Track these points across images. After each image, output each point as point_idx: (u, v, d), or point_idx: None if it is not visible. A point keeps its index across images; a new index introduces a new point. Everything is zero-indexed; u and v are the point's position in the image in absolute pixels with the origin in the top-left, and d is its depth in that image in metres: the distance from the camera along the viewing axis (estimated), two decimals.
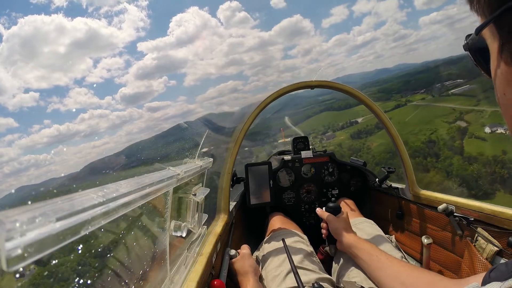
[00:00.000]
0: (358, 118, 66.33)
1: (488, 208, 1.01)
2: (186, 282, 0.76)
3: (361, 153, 48.18)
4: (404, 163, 1.45)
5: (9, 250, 0.25)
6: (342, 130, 64.83)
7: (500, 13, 0.33)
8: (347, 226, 1.17)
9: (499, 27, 0.34)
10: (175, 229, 0.85)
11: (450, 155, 42.17)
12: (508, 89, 0.36)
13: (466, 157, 40.61)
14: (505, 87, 0.37)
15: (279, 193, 1.76)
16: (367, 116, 61.38)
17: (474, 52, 0.42)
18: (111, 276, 0.67)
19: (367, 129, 59.57)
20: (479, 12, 0.37)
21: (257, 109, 1.53)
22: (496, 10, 0.33)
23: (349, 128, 64.65)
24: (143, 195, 0.53)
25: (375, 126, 57.14)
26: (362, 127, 61.60)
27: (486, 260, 0.94)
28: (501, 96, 0.38)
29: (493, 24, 0.35)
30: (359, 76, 39.04)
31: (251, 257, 1.10)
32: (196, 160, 1.08)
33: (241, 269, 1.04)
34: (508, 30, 0.33)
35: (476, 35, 0.39)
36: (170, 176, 0.71)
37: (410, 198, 1.41)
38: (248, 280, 0.99)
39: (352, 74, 40.95)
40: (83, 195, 0.38)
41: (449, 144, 45.59)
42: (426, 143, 46.28)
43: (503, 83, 0.37)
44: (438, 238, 1.23)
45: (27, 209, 0.29)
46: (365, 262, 1.00)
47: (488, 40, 0.38)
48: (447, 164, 39.33)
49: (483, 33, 0.38)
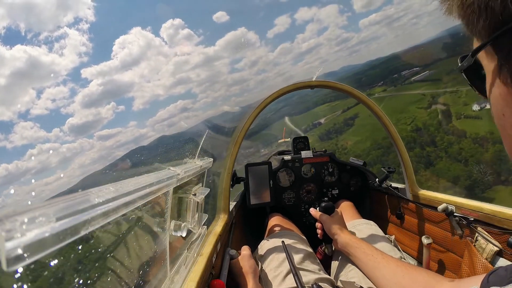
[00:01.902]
0: (321, 119, 66.37)
1: (488, 208, 1.01)
2: (186, 282, 0.76)
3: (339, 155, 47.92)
4: (404, 162, 1.45)
5: (9, 250, 0.25)
6: (307, 133, 65.37)
7: (498, 35, 0.33)
8: (342, 225, 1.16)
9: (497, 49, 0.35)
10: (175, 229, 0.85)
11: (452, 139, 40.70)
12: (507, 110, 0.36)
13: (474, 138, 39.10)
14: (503, 107, 0.37)
15: (279, 193, 1.77)
16: (329, 115, 61.00)
17: (469, 74, 0.42)
18: (111, 276, 0.67)
19: (335, 128, 59.48)
20: (475, 33, 0.37)
21: (257, 109, 1.53)
22: (494, 32, 0.33)
23: (314, 130, 64.45)
24: (143, 195, 0.53)
25: (343, 124, 56.89)
26: (328, 127, 61.63)
27: (486, 260, 0.94)
28: (500, 117, 0.38)
29: (490, 45, 0.35)
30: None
31: (251, 258, 1.09)
32: (196, 160, 1.08)
33: (242, 270, 1.03)
34: (507, 51, 0.33)
35: (472, 57, 0.39)
36: (170, 176, 0.71)
37: (410, 198, 1.41)
38: (248, 281, 0.99)
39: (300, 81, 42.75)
40: (83, 195, 0.38)
41: (444, 129, 44.47)
42: (416, 132, 45.73)
43: (501, 104, 0.37)
44: (438, 238, 1.23)
45: (27, 209, 0.29)
46: (361, 261, 0.99)
47: (484, 61, 0.38)
48: (456, 150, 37.60)
49: (479, 54, 0.38)
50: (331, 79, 1.54)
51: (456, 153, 38.20)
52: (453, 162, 37.77)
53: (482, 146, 36.97)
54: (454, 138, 41.85)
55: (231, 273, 1.04)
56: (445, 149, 39.96)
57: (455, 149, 38.86)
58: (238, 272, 1.03)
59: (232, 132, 1.57)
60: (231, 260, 1.07)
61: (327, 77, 1.55)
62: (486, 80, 0.39)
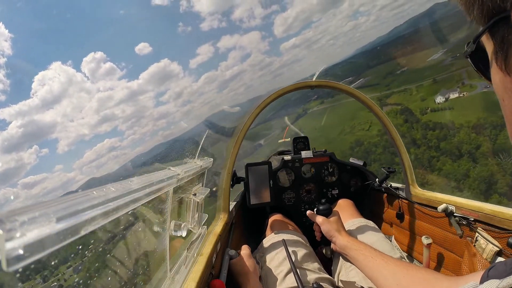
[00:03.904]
0: (260, 141, 63.22)
1: (488, 208, 1.01)
2: (186, 282, 0.76)
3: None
4: (404, 163, 1.45)
5: (9, 250, 0.25)
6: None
7: (493, 23, 0.35)
8: (340, 227, 1.16)
9: (493, 36, 0.36)
10: (175, 229, 0.85)
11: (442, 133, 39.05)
12: (505, 95, 0.38)
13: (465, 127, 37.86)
14: (502, 93, 0.38)
15: (279, 193, 1.77)
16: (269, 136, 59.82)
17: (473, 59, 0.44)
18: (111, 276, 0.67)
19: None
20: (474, 20, 0.39)
21: (257, 109, 1.53)
22: (489, 20, 0.35)
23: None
24: (143, 195, 0.53)
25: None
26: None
27: (486, 260, 0.94)
28: (501, 102, 0.39)
29: (488, 32, 0.37)
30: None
31: (251, 258, 1.09)
32: (196, 160, 1.08)
33: (241, 270, 1.03)
34: (501, 38, 0.35)
35: (474, 43, 0.41)
36: (170, 176, 0.71)
37: (410, 198, 1.41)
38: (248, 280, 0.99)
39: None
40: (83, 195, 0.38)
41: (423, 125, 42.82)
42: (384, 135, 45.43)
43: (500, 89, 0.38)
44: (438, 238, 1.23)
45: (27, 209, 0.29)
46: (361, 263, 0.99)
47: (486, 47, 0.40)
48: (455, 143, 35.65)
49: (482, 40, 0.39)
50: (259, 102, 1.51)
51: (454, 148, 36.63)
52: (456, 158, 35.74)
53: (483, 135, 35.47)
54: (443, 131, 40.45)
55: (231, 273, 1.04)
56: (437, 147, 38.51)
57: (453, 142, 37.29)
58: (238, 271, 1.03)
59: (232, 132, 1.57)
60: (231, 260, 1.07)
61: (252, 102, 1.56)
62: (490, 66, 0.40)
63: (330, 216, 1.20)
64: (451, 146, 37.61)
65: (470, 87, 52.45)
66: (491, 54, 0.38)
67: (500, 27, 0.34)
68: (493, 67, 0.38)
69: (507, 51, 0.35)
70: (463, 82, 55.88)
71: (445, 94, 51.06)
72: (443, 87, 56.77)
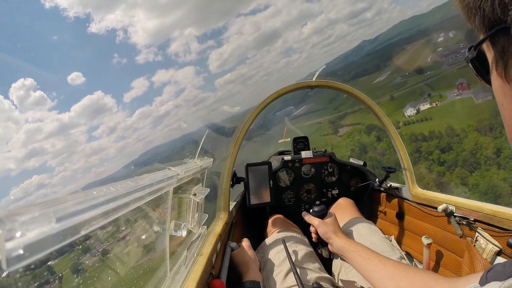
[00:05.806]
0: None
1: (488, 208, 1.01)
2: (186, 282, 0.76)
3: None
4: (404, 163, 1.45)
5: (9, 250, 0.25)
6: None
7: (493, 33, 0.36)
8: (336, 229, 1.14)
9: (493, 44, 0.38)
10: (175, 229, 0.85)
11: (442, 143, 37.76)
12: (505, 101, 0.40)
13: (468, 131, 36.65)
14: (502, 98, 0.40)
15: (279, 193, 1.77)
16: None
17: (474, 64, 0.45)
18: (111, 276, 0.67)
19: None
20: (474, 28, 0.40)
21: (257, 109, 1.53)
22: (489, 29, 0.37)
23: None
24: (143, 195, 0.53)
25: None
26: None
27: (486, 260, 0.94)
28: (500, 107, 0.41)
29: (488, 41, 0.38)
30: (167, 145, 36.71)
31: (251, 249, 1.14)
32: (196, 160, 1.08)
33: (242, 259, 1.07)
34: (501, 48, 0.37)
35: (475, 50, 0.43)
36: (170, 176, 0.71)
37: (410, 198, 1.41)
38: (248, 268, 1.02)
39: (161, 145, 39.30)
40: (83, 195, 0.38)
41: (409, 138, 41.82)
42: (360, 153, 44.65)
43: (500, 95, 0.40)
44: (438, 238, 1.23)
45: (27, 209, 0.29)
46: (358, 264, 0.98)
47: (486, 54, 0.41)
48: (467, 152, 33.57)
49: (482, 47, 0.41)
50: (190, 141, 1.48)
51: (469, 156, 34.14)
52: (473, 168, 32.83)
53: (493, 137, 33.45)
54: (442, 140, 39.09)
55: (232, 264, 1.07)
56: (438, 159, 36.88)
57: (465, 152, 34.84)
58: (239, 261, 1.07)
59: (232, 132, 1.57)
60: (232, 252, 1.12)
61: (186, 138, 1.56)
62: (490, 71, 0.42)
63: (326, 217, 1.19)
64: (464, 155, 35.40)
65: (440, 97, 54.19)
66: (492, 61, 0.40)
67: (501, 37, 0.36)
68: (493, 74, 0.40)
69: (507, 61, 0.37)
70: (429, 94, 58.04)
71: (415, 106, 51.84)
72: (407, 101, 58.37)
